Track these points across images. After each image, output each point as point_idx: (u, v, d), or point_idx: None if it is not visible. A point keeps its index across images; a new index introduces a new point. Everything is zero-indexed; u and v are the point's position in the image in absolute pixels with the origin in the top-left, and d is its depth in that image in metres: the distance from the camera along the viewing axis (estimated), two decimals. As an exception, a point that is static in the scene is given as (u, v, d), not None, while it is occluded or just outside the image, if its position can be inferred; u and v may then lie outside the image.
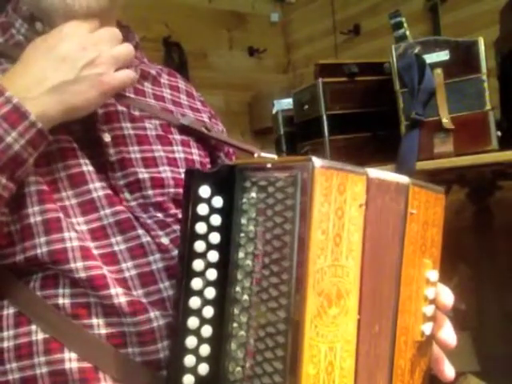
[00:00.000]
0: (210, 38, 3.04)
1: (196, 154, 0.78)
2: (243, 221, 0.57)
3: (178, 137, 0.77)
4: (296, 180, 0.52)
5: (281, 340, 0.51)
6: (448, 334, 0.65)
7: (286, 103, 2.10)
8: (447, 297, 0.65)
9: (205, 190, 0.58)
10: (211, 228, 0.57)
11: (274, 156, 0.58)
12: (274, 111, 2.17)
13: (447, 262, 0.68)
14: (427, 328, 0.62)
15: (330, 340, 0.51)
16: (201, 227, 0.57)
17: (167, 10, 2.85)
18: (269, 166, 0.55)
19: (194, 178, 0.59)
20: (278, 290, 0.52)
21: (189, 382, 0.56)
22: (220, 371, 0.56)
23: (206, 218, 0.58)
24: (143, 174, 0.70)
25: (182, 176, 0.72)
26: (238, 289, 0.56)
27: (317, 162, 0.51)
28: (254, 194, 0.56)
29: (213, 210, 0.58)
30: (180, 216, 0.67)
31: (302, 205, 0.51)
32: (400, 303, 0.60)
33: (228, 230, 0.57)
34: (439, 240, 0.66)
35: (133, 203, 0.69)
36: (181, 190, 0.71)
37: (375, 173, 0.56)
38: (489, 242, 1.97)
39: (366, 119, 1.74)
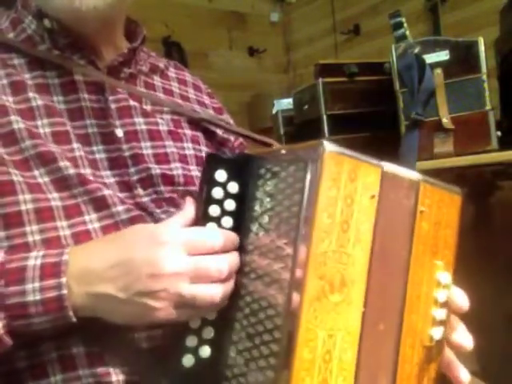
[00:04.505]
0: (210, 38, 3.04)
1: (205, 151, 0.78)
2: (256, 207, 0.57)
3: (188, 132, 0.78)
4: (306, 164, 0.51)
5: (279, 322, 0.51)
6: (463, 336, 0.63)
7: (286, 103, 2.10)
8: (462, 299, 0.63)
9: (221, 175, 0.59)
10: (224, 212, 0.58)
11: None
12: (274, 111, 2.17)
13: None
14: (437, 333, 0.60)
15: (329, 327, 0.51)
16: (214, 210, 0.58)
17: (167, 10, 2.85)
18: (283, 152, 0.56)
19: (211, 161, 0.60)
20: (279, 273, 0.53)
21: (188, 362, 0.57)
22: (220, 354, 0.57)
23: (220, 202, 0.58)
24: (155, 169, 0.70)
25: (192, 174, 0.73)
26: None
27: (328, 146, 0.51)
28: (268, 181, 0.57)
29: (228, 195, 0.59)
30: None
31: (309, 186, 0.51)
32: (406, 303, 0.58)
33: (240, 216, 0.58)
34: (453, 242, 0.64)
35: (146, 199, 0.68)
36: (190, 188, 0.71)
37: (391, 167, 0.56)
38: (489, 242, 1.96)
39: (366, 119, 1.74)
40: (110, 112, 0.69)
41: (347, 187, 0.52)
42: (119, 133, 0.69)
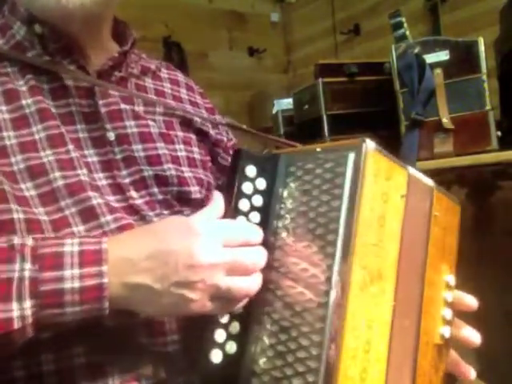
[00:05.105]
0: (210, 38, 3.03)
1: (197, 153, 0.78)
2: (286, 204, 0.58)
3: (180, 134, 0.77)
4: (346, 160, 0.52)
5: (321, 312, 0.51)
6: (471, 332, 0.66)
7: (286, 103, 2.10)
8: (470, 299, 0.67)
9: (251, 170, 0.60)
10: (252, 207, 0.59)
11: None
12: (274, 111, 2.18)
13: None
14: (446, 331, 0.63)
15: (369, 318, 0.52)
16: (244, 204, 0.59)
17: (167, 10, 2.85)
18: (318, 149, 0.57)
19: (242, 156, 0.60)
20: (317, 265, 0.53)
21: (217, 358, 0.56)
22: (247, 349, 0.56)
23: (249, 197, 0.59)
24: (148, 171, 0.70)
25: (185, 175, 0.73)
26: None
27: (370, 143, 0.52)
28: (299, 178, 0.57)
29: (256, 191, 0.59)
30: (186, 213, 0.68)
31: (352, 180, 0.52)
32: (423, 304, 0.60)
33: (267, 212, 0.59)
34: (455, 249, 0.67)
35: (139, 201, 0.68)
36: (184, 189, 0.71)
37: (413, 171, 0.59)
38: (489, 242, 1.96)
39: (366, 119, 1.74)
40: (101, 116, 0.69)
41: (384, 185, 0.53)
42: (111, 136, 0.69)
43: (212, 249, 0.53)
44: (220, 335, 0.57)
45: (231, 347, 0.57)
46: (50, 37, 0.69)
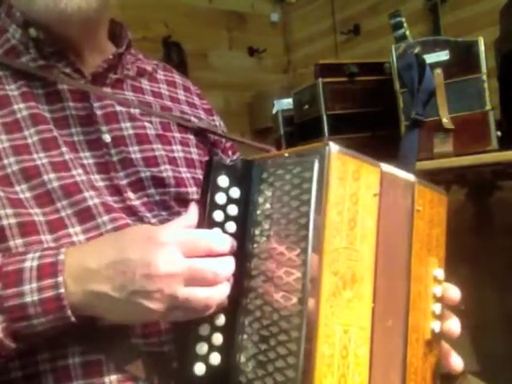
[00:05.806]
0: (210, 37, 3.04)
1: (195, 153, 0.78)
2: (260, 211, 0.58)
3: (177, 135, 0.77)
4: (313, 164, 0.52)
5: (295, 320, 0.51)
6: (452, 323, 0.65)
7: (286, 103, 2.10)
8: (454, 291, 0.66)
9: (223, 180, 0.59)
10: (227, 217, 0.59)
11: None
12: (274, 111, 2.17)
13: (447, 261, 0.68)
14: (436, 326, 0.63)
15: (344, 323, 0.51)
16: (218, 215, 0.58)
17: (167, 10, 2.85)
18: (286, 155, 0.57)
19: (213, 167, 0.59)
20: (291, 273, 0.53)
21: (200, 370, 0.56)
22: (230, 360, 0.56)
23: (223, 207, 0.59)
24: (145, 172, 0.70)
25: (182, 175, 0.73)
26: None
27: (333, 147, 0.52)
28: (271, 184, 0.57)
29: (230, 200, 0.59)
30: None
31: (318, 185, 0.51)
32: (410, 299, 0.60)
33: (244, 221, 0.59)
34: (443, 240, 0.67)
35: (137, 202, 0.68)
36: (181, 190, 0.71)
37: (387, 167, 0.58)
38: (489, 242, 1.96)
39: (366, 119, 1.74)
40: (96, 118, 0.69)
41: (352, 186, 0.53)
42: (107, 138, 0.69)
43: (170, 259, 0.53)
44: (202, 347, 0.57)
45: (215, 359, 0.57)
46: (45, 40, 0.69)
